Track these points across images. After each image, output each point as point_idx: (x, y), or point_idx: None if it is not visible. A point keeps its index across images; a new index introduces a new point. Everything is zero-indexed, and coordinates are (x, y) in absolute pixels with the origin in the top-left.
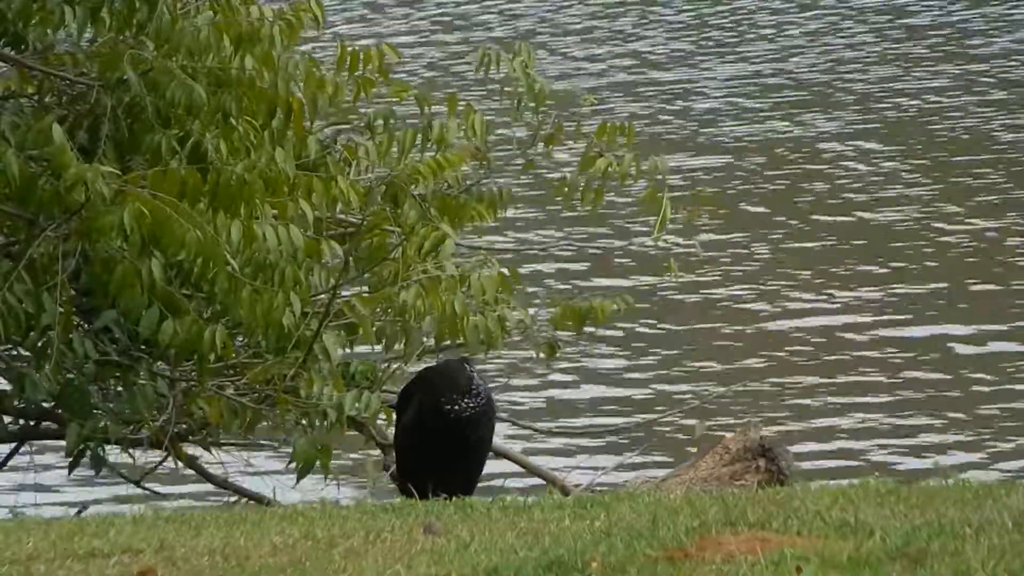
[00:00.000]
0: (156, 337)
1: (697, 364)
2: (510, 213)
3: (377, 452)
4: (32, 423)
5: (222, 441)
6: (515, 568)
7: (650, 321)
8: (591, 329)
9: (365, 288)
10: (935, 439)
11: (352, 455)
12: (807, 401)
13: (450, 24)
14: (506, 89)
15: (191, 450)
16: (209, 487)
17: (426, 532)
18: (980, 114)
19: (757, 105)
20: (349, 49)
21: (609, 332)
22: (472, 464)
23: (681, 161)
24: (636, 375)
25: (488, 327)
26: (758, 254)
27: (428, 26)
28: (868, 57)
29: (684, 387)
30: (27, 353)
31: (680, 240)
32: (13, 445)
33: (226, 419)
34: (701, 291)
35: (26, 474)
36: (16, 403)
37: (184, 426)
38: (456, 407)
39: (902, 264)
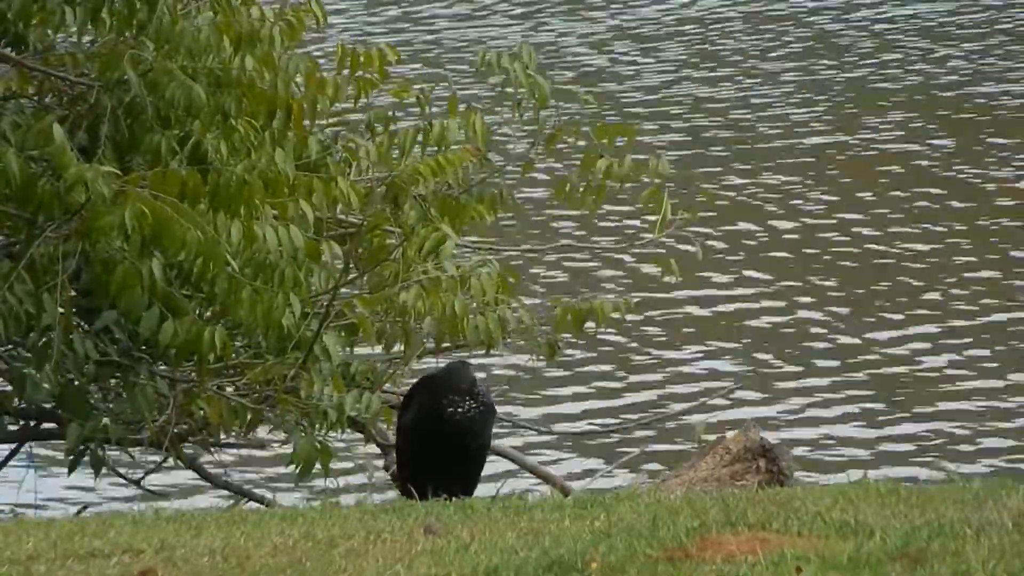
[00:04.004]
0: (156, 338)
1: (697, 364)
2: (510, 213)
3: (378, 453)
4: (32, 423)
5: (222, 441)
6: (515, 568)
7: (650, 321)
8: (591, 325)
9: (365, 289)
10: (935, 439)
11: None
12: (807, 401)
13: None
14: (510, 91)
15: (191, 450)
16: (209, 487)
17: (426, 532)
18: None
19: (761, 107)
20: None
21: (609, 333)
22: (472, 469)
23: (680, 158)
24: (636, 375)
25: (488, 328)
26: (758, 255)
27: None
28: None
29: (684, 387)
30: (27, 353)
31: (680, 239)
32: (13, 445)
33: (226, 419)
34: (702, 291)
35: (26, 474)
36: (16, 403)
37: (184, 426)
38: (459, 409)
39: (902, 264)
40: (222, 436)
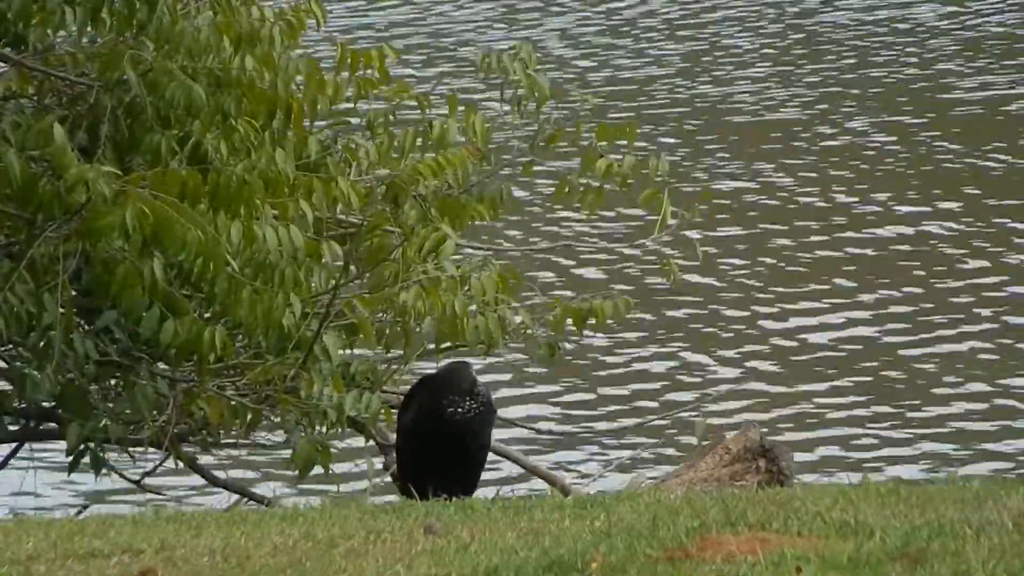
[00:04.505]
0: (157, 337)
1: (698, 364)
2: (511, 213)
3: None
4: (32, 423)
5: (222, 441)
6: (515, 568)
7: (650, 321)
8: (592, 322)
9: (365, 289)
10: (935, 440)
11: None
12: (807, 401)
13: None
14: (510, 91)
15: (191, 450)
16: (209, 487)
17: (426, 532)
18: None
19: (762, 106)
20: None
21: (609, 333)
22: (472, 469)
23: (680, 158)
24: (636, 375)
25: (488, 328)
26: (758, 255)
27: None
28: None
29: (685, 387)
30: (28, 353)
31: (682, 236)
32: (13, 445)
33: (226, 419)
34: (701, 292)
35: (26, 474)
36: (16, 403)
37: (184, 426)
38: (459, 409)
39: (903, 266)
40: (222, 436)
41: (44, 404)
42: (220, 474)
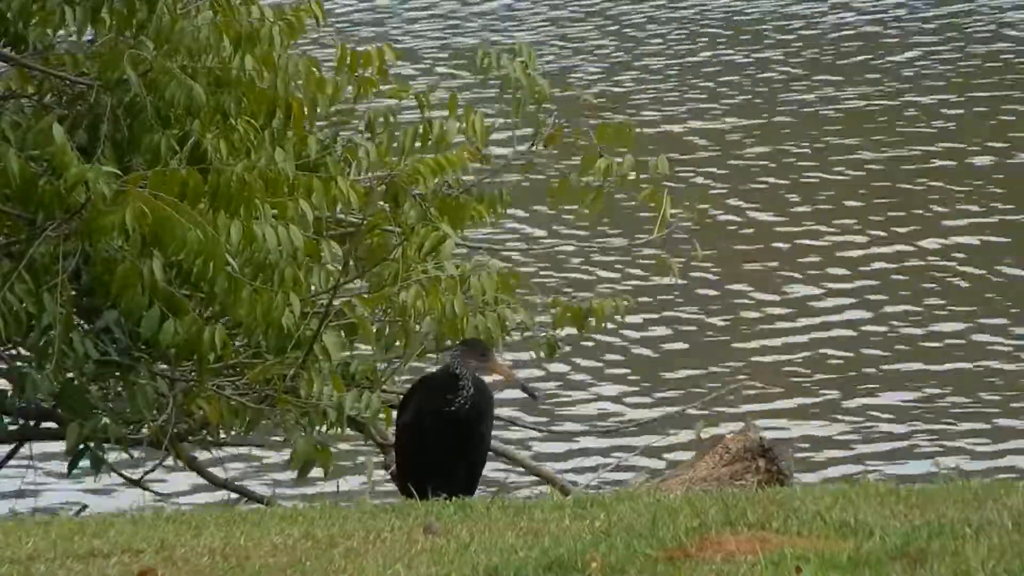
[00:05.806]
0: (157, 337)
1: (697, 364)
2: (510, 212)
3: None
4: (32, 423)
5: (222, 441)
6: (515, 568)
7: (650, 321)
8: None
9: (365, 288)
10: (935, 439)
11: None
12: (807, 401)
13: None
14: (508, 94)
15: (191, 450)
16: (209, 487)
17: (426, 532)
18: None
19: (763, 104)
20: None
21: (609, 332)
22: (473, 466)
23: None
24: (636, 375)
25: (488, 327)
26: (758, 254)
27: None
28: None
29: (684, 387)
30: (28, 353)
31: (683, 231)
32: (13, 445)
33: (226, 419)
34: (701, 291)
35: (26, 474)
36: (16, 403)
37: (184, 426)
38: (458, 402)
39: (903, 265)
40: (222, 436)
41: (44, 404)
42: (220, 474)
